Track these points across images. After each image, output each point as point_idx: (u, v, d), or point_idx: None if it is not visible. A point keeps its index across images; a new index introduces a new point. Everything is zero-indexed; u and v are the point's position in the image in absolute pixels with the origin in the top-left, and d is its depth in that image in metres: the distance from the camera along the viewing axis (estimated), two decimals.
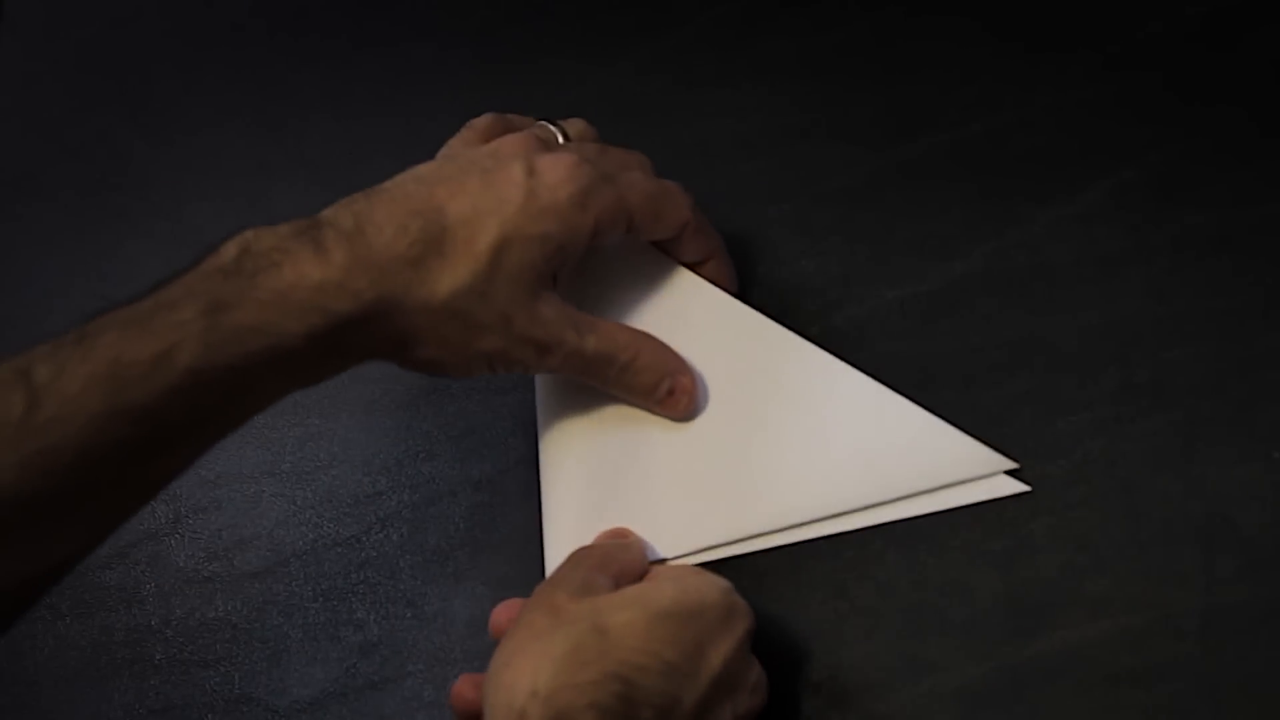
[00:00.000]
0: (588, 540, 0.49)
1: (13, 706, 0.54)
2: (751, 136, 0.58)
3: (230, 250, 0.41)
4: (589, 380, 0.48)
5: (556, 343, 0.45)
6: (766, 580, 0.47)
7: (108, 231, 0.66)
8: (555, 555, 0.49)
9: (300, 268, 0.41)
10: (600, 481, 0.49)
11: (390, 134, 0.65)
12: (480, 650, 0.49)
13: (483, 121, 0.50)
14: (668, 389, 0.48)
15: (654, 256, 0.51)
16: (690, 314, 0.50)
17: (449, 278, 0.43)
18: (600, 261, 0.50)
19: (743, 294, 0.52)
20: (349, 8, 0.70)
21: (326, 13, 0.70)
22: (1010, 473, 0.46)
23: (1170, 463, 0.45)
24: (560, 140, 0.49)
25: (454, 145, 0.49)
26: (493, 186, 0.44)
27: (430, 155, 0.63)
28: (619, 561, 0.44)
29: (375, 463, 0.55)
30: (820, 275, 0.53)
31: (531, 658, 0.39)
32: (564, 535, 0.49)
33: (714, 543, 0.48)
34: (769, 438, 0.49)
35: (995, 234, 0.51)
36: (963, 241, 0.52)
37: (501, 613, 0.46)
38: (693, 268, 0.51)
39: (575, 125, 0.51)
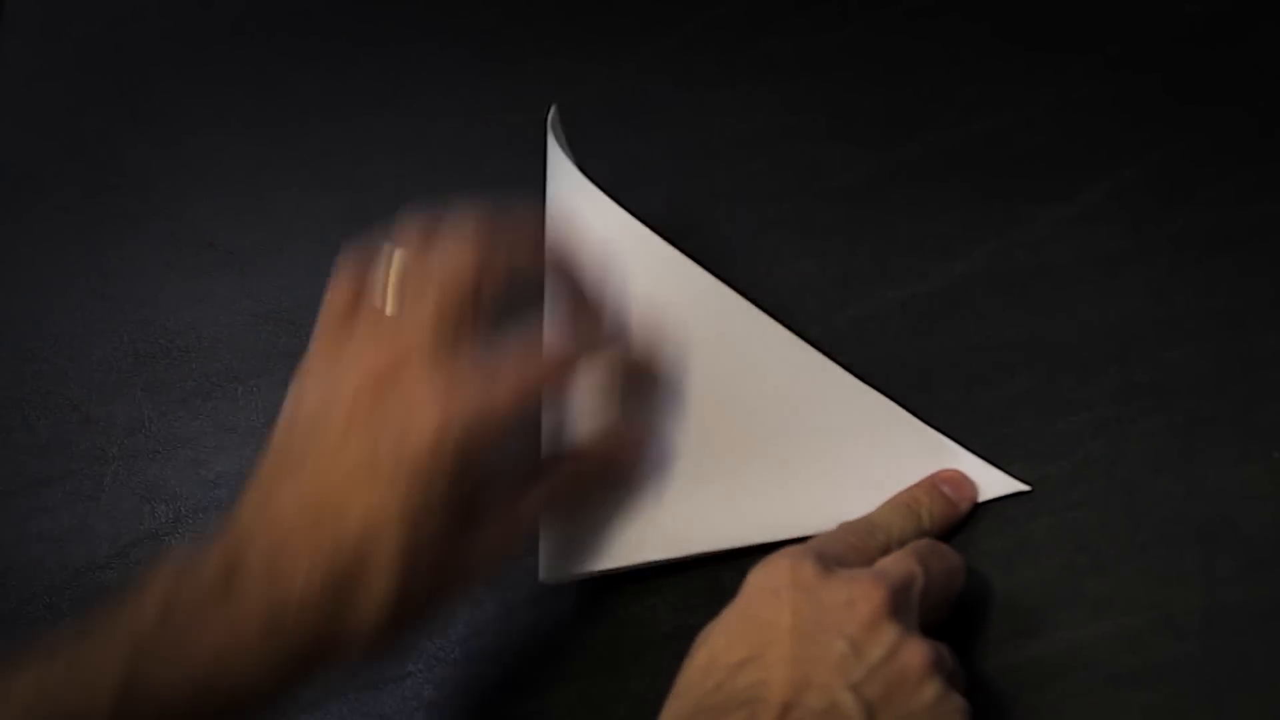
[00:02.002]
0: (585, 542, 0.49)
1: None
2: (752, 136, 0.58)
3: (152, 602, 0.40)
4: None
5: (493, 555, 0.44)
6: None
7: (108, 231, 0.65)
8: (554, 556, 0.49)
9: (220, 638, 0.39)
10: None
11: (390, 134, 0.65)
12: (480, 650, 0.49)
13: (340, 301, 0.44)
14: None
15: (658, 251, 0.50)
16: (713, 325, 0.50)
17: (372, 605, 0.40)
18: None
19: (743, 294, 0.52)
20: (349, 8, 0.70)
21: (326, 13, 0.70)
22: (1010, 472, 0.46)
23: (1171, 463, 0.45)
24: (390, 291, 0.44)
25: (323, 342, 0.44)
26: (377, 472, 0.40)
27: (430, 156, 0.63)
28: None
29: None
30: (821, 275, 0.53)
31: None
32: (563, 536, 0.49)
33: (712, 549, 0.48)
34: (770, 445, 0.49)
35: (996, 234, 0.52)
36: (963, 241, 0.52)
37: None
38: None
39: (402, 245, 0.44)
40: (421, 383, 0.41)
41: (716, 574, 0.48)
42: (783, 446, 0.48)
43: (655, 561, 0.48)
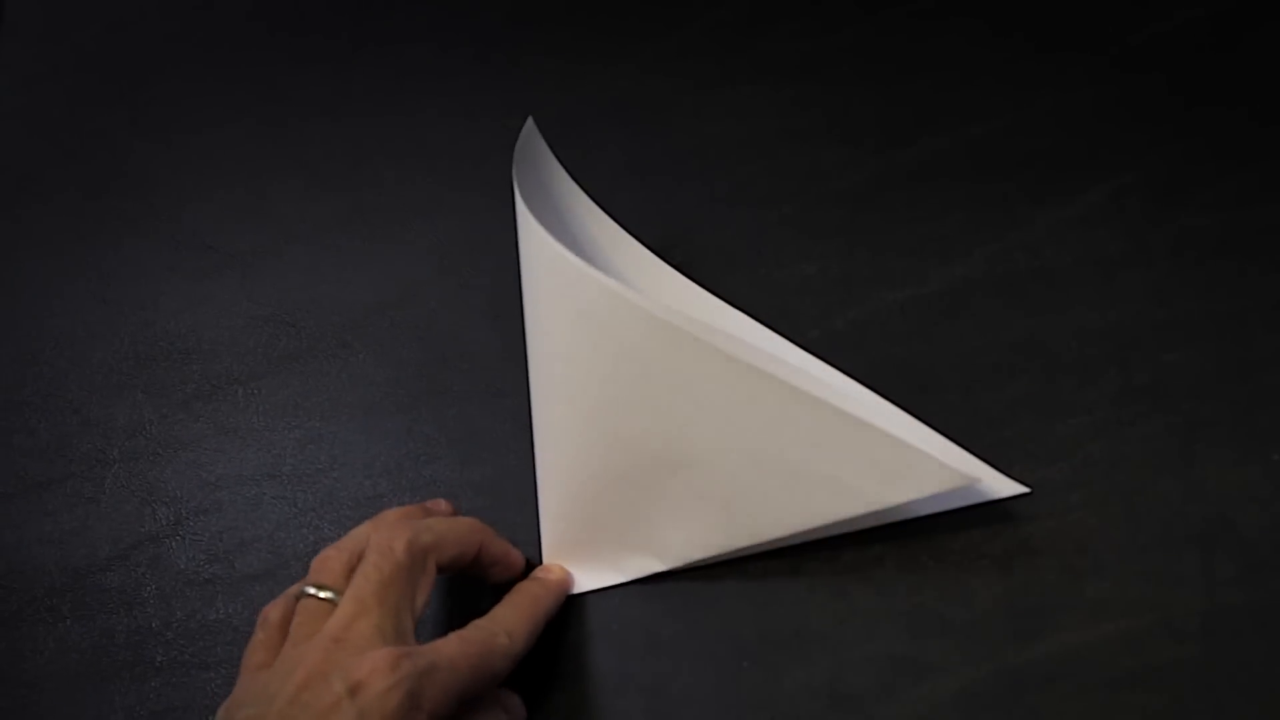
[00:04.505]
0: (584, 545, 0.49)
1: (13, 709, 0.54)
2: (752, 138, 0.58)
3: None
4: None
5: None
6: (767, 582, 0.48)
7: (108, 232, 0.65)
8: (552, 560, 0.49)
9: None
10: (596, 487, 0.49)
11: (390, 134, 0.65)
12: None
13: (276, 615, 0.46)
14: None
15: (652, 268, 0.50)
16: (699, 340, 0.49)
17: None
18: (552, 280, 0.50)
19: (743, 296, 0.52)
20: (349, 8, 0.70)
21: (326, 13, 0.70)
22: (1010, 474, 0.46)
23: (1170, 465, 0.45)
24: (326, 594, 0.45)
25: (257, 652, 0.45)
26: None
27: (430, 157, 0.63)
28: None
29: (376, 465, 0.55)
30: (821, 277, 0.53)
31: None
32: (561, 539, 0.50)
33: (710, 555, 0.48)
34: (770, 452, 0.48)
35: (995, 236, 0.52)
36: (963, 244, 0.52)
37: None
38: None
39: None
40: (378, 661, 0.41)
41: (720, 578, 0.48)
42: (782, 452, 0.48)
43: (660, 572, 0.48)
